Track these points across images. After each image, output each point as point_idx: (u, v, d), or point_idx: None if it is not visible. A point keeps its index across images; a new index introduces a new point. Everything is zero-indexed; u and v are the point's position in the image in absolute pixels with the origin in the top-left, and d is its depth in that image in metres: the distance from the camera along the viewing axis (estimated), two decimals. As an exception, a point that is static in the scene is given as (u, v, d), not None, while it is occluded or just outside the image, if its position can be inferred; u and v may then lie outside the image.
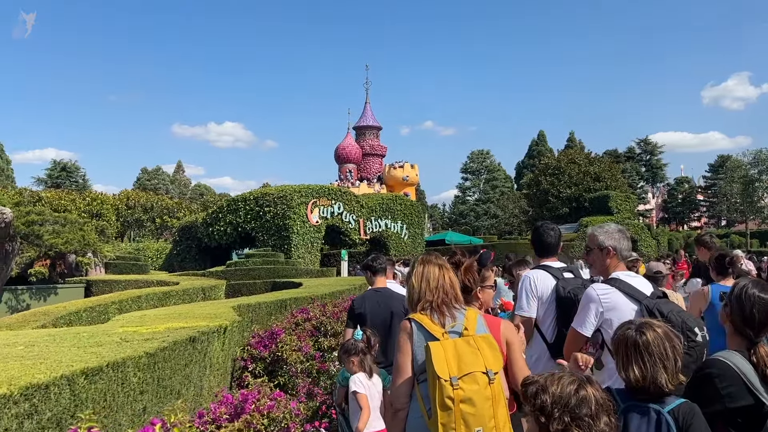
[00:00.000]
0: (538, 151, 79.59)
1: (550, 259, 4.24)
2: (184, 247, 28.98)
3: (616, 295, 3.39)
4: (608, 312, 3.38)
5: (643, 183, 76.72)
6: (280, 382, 6.27)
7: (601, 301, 3.40)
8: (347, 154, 57.30)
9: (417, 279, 2.96)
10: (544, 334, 3.99)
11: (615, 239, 3.61)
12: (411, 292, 2.96)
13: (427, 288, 2.92)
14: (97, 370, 3.51)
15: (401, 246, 31.82)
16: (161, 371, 4.32)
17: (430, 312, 2.84)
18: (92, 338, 4.81)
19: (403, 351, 2.80)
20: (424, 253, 3.15)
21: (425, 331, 2.78)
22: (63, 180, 70.56)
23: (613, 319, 3.33)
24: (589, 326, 3.44)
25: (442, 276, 2.93)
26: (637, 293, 3.37)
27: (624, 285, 3.43)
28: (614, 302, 3.38)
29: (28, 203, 33.97)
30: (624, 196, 43.23)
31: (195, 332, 5.02)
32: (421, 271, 2.96)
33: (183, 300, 12.58)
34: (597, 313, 3.40)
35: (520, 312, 4.02)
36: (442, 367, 2.57)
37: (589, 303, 3.45)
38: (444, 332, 2.75)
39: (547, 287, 4.01)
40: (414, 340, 2.78)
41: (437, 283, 2.91)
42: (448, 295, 2.89)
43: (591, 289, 3.50)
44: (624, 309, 3.34)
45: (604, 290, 3.44)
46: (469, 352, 2.65)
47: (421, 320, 2.82)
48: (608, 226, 3.70)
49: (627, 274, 3.56)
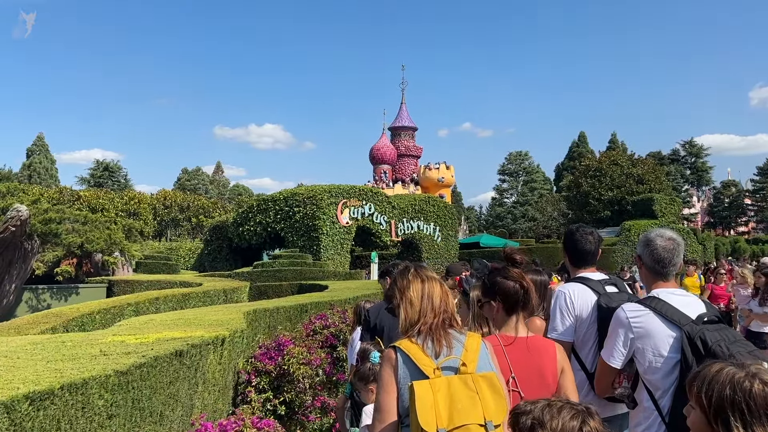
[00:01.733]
0: (579, 152, 77.61)
1: (588, 270, 3.54)
2: (215, 247, 28.89)
3: (650, 318, 2.75)
4: (640, 339, 2.75)
5: (688, 186, 74.56)
6: (286, 398, 5.72)
7: (631, 326, 2.78)
8: (382, 155, 56.82)
9: (416, 295, 2.35)
10: (583, 361, 3.30)
11: (645, 248, 2.94)
12: (408, 313, 2.34)
13: (430, 308, 2.32)
14: (47, 393, 2.99)
15: (434, 248, 31.07)
16: (137, 391, 3.79)
17: (423, 338, 2.25)
18: (72, 349, 4.41)
19: (386, 389, 2.21)
20: (412, 264, 2.55)
21: (412, 364, 2.19)
22: (105, 180, 72.26)
23: (645, 348, 2.73)
24: (617, 356, 2.83)
25: (445, 294, 2.35)
26: (679, 316, 2.69)
27: (662, 305, 2.76)
28: (647, 327, 2.74)
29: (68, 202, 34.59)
30: (669, 199, 41.66)
31: (184, 345, 4.49)
32: (421, 287, 2.35)
33: (203, 302, 12.21)
34: (626, 339, 2.79)
35: (553, 334, 3.33)
36: (428, 417, 2.01)
37: (617, 327, 2.83)
38: (436, 367, 2.16)
39: (586, 304, 3.32)
40: (399, 375, 2.20)
41: (441, 304, 2.32)
42: (446, 319, 2.32)
43: (621, 309, 2.86)
44: (659, 336, 2.70)
45: (635, 312, 2.79)
46: (466, 397, 2.08)
47: (408, 350, 2.23)
48: (654, 232, 2.99)
49: (670, 291, 2.86)
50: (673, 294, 2.83)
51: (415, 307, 2.34)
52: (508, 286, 2.72)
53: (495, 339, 2.67)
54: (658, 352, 2.69)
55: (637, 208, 41.00)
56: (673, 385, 2.63)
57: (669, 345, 2.65)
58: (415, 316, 2.33)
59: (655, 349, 2.68)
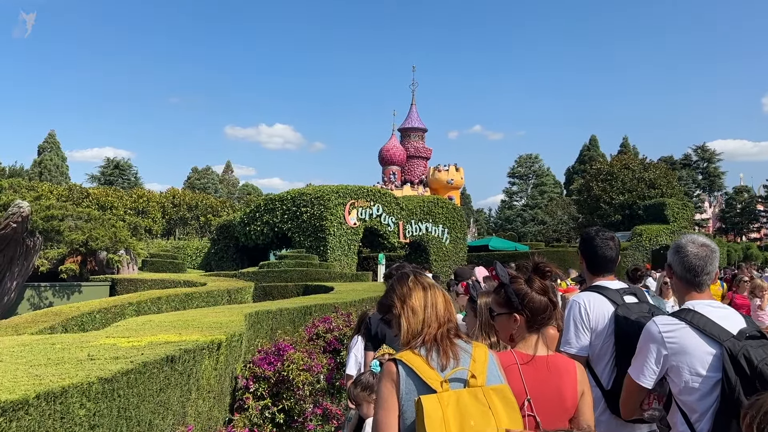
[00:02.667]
0: (590, 156, 77.03)
1: (606, 278, 3.28)
2: (221, 246, 28.77)
3: (686, 332, 2.49)
4: (675, 356, 2.49)
5: (700, 191, 73.72)
6: (285, 406, 5.49)
7: (664, 341, 2.51)
8: (391, 156, 56.55)
9: (419, 303, 2.13)
10: (599, 378, 3.05)
11: (677, 256, 2.69)
12: (410, 322, 2.12)
13: (434, 317, 2.12)
14: (21, 403, 2.79)
15: (442, 251, 30.78)
16: (124, 399, 3.58)
17: (427, 349, 2.04)
18: (60, 352, 4.23)
19: (386, 406, 2.00)
20: (409, 270, 2.32)
21: (416, 378, 1.98)
22: (115, 177, 72.55)
23: (681, 365, 2.47)
24: (648, 374, 2.56)
25: (448, 303, 2.16)
26: (718, 330, 2.45)
27: (698, 318, 2.50)
28: (683, 343, 2.48)
29: (77, 199, 34.63)
30: (681, 204, 41.17)
31: (176, 350, 4.28)
32: (424, 295, 2.14)
33: (206, 303, 12.04)
34: (659, 356, 2.53)
35: (566, 348, 3.08)
36: None
37: (649, 343, 2.56)
38: (443, 380, 1.96)
39: (603, 315, 3.07)
40: (401, 391, 1.99)
41: (445, 313, 2.11)
42: (451, 328, 2.11)
43: (652, 323, 2.59)
44: (697, 353, 2.45)
45: (669, 326, 2.53)
46: (478, 411, 1.91)
47: (411, 362, 2.01)
48: (686, 238, 2.74)
49: (707, 303, 2.61)
50: (709, 306, 2.57)
51: (418, 316, 2.12)
52: (538, 302, 2.42)
53: (510, 356, 2.39)
54: (695, 370, 2.43)
55: (649, 213, 40.55)
56: (712, 408, 2.38)
57: (708, 363, 2.40)
58: (419, 326, 2.12)
59: (691, 368, 2.43)
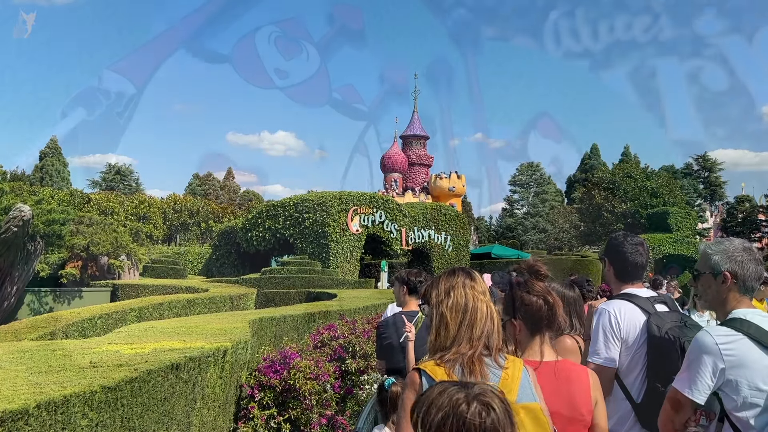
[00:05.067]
0: (591, 164, 76.94)
1: (635, 285, 3.14)
2: (223, 252, 28.62)
3: (745, 344, 2.33)
4: (732, 370, 2.32)
5: (701, 201, 73.53)
6: (291, 416, 5.33)
7: (721, 354, 2.34)
8: (393, 163, 56.44)
9: (454, 316, 1.98)
10: (628, 390, 2.90)
11: (736, 262, 2.52)
12: (439, 334, 1.97)
13: (467, 338, 1.95)
14: (20, 413, 2.65)
15: (445, 258, 30.59)
16: (127, 409, 3.43)
17: (451, 365, 1.90)
18: (61, 359, 4.09)
19: (408, 420, 1.85)
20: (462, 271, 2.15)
21: None
22: (117, 183, 72.41)
23: (740, 380, 2.30)
24: (702, 388, 2.37)
25: (489, 316, 1.95)
26: None
27: (755, 329, 2.35)
28: (742, 355, 2.32)
29: (78, 204, 34.52)
30: (684, 213, 41.08)
31: (182, 358, 4.13)
32: (464, 306, 1.98)
33: (209, 309, 11.88)
34: (715, 370, 2.35)
35: (594, 358, 2.93)
36: None
37: (703, 355, 2.38)
38: None
39: (634, 325, 2.92)
40: None
41: (482, 328, 1.93)
42: (489, 347, 1.94)
43: (706, 334, 2.42)
44: (756, 366, 2.30)
45: (727, 337, 2.37)
46: None
47: (434, 374, 1.88)
48: (728, 243, 2.60)
49: (758, 312, 2.46)
50: (760, 315, 2.43)
51: (450, 333, 1.97)
52: (530, 302, 2.33)
53: None
54: (755, 385, 2.28)
55: (652, 222, 40.43)
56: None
57: (767, 376, 2.26)
58: (447, 343, 1.98)
59: (751, 382, 2.28)
